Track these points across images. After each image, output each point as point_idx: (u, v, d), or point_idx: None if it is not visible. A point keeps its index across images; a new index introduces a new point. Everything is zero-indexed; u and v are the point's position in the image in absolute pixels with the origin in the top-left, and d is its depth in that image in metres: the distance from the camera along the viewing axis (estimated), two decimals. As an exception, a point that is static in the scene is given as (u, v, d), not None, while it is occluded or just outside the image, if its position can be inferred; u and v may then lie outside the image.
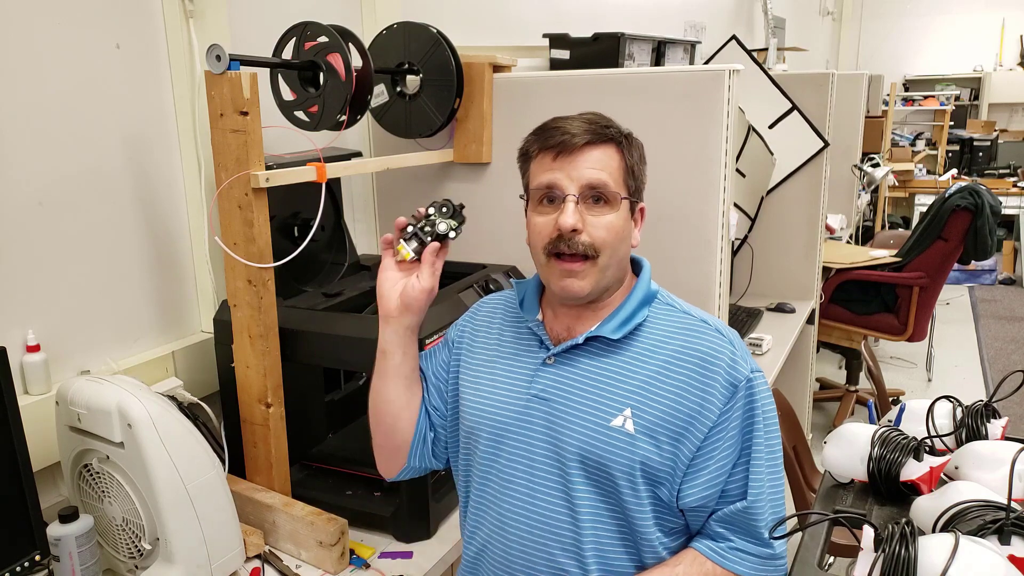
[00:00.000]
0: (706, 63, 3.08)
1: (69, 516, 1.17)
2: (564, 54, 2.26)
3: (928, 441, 1.32)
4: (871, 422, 1.48)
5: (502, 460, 1.10)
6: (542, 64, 2.41)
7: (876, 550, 0.98)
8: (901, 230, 5.94)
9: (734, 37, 3.00)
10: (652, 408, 1.03)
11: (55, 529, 1.17)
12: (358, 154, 1.73)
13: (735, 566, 1.05)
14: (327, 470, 1.55)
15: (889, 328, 3.89)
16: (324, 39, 1.41)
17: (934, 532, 1.08)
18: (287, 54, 1.45)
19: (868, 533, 0.99)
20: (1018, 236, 6.84)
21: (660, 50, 2.49)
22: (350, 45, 1.44)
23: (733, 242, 2.94)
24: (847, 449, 1.33)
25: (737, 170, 2.69)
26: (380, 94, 1.81)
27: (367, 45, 1.58)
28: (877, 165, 4.46)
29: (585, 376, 1.07)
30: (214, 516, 1.24)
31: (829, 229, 4.05)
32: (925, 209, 4.17)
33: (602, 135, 1.05)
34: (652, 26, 3.63)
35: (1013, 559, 0.97)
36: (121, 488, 1.22)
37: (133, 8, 1.49)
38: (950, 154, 7.84)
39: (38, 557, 1.18)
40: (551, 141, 1.04)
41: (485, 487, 1.12)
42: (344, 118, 1.46)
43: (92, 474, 1.25)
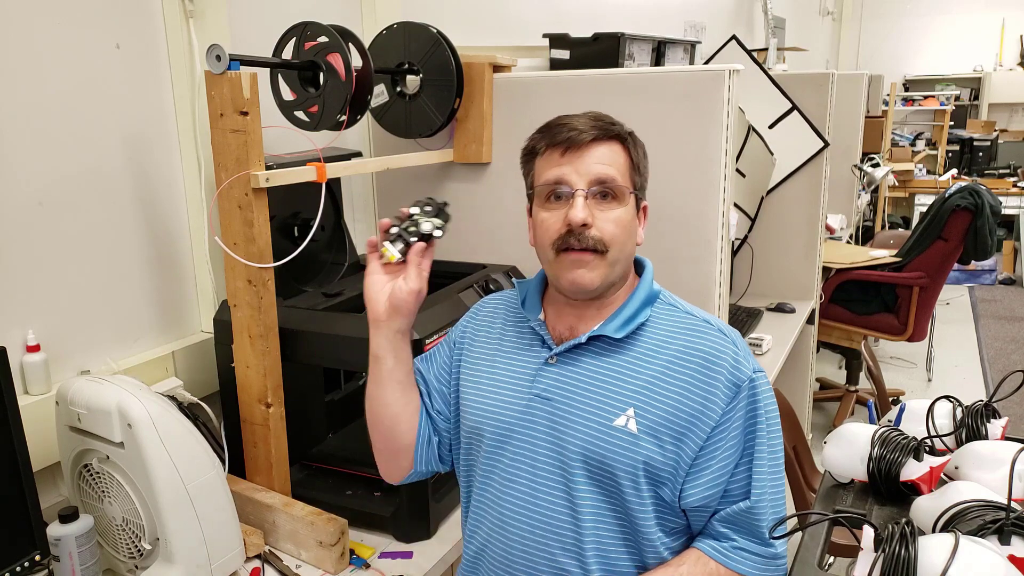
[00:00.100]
0: (706, 63, 3.08)
1: (69, 516, 1.17)
2: (564, 54, 2.26)
3: (928, 441, 1.31)
4: (871, 422, 1.48)
5: (504, 460, 1.09)
6: (542, 64, 2.41)
7: (876, 550, 0.98)
8: (901, 230, 5.94)
9: (734, 37, 3.00)
10: (655, 408, 1.03)
11: (55, 529, 1.17)
12: (358, 154, 1.73)
13: (738, 566, 1.05)
14: (327, 470, 1.55)
15: (889, 328, 3.89)
16: (324, 39, 1.41)
17: (934, 532, 1.08)
18: (287, 54, 1.45)
19: (868, 533, 0.99)
20: (1018, 236, 6.84)
21: (660, 50, 2.49)
22: (350, 45, 1.44)
23: (733, 242, 2.94)
24: (847, 449, 1.33)
25: (737, 170, 2.69)
26: (380, 94, 1.81)
27: (367, 45, 1.58)
28: (877, 165, 4.46)
29: (588, 376, 1.07)
30: (214, 516, 1.24)
31: (829, 229, 4.05)
32: (925, 209, 4.17)
33: (608, 131, 1.06)
34: (652, 26, 3.63)
35: (1013, 559, 0.97)
36: (121, 488, 1.22)
37: (133, 8, 1.49)
38: (950, 154, 7.84)
39: (38, 557, 1.18)
40: (559, 137, 1.05)
41: (486, 486, 1.12)
42: (344, 118, 1.46)
43: (92, 474, 1.25)
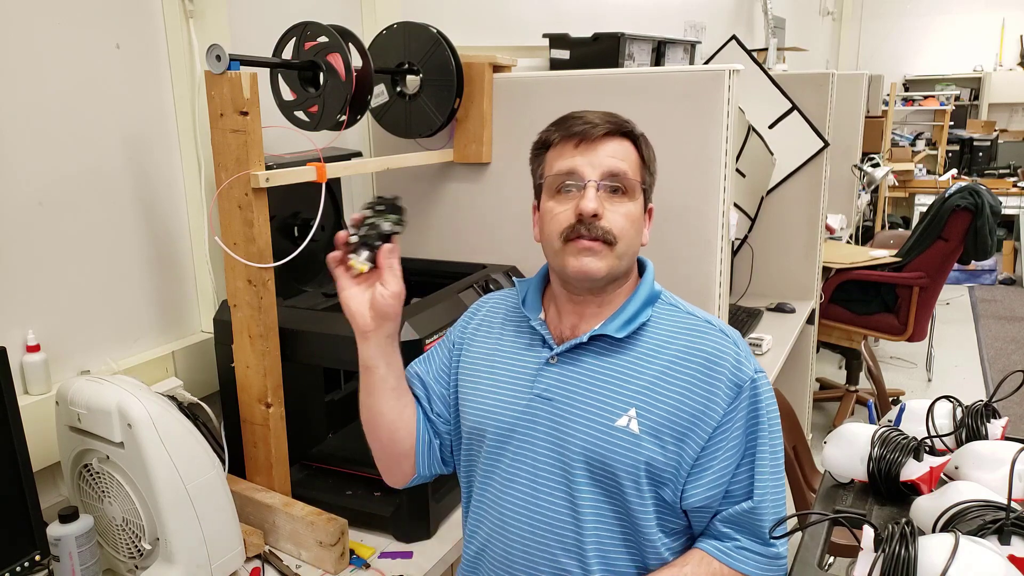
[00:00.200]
0: (706, 63, 3.08)
1: (69, 516, 1.17)
2: (564, 54, 2.26)
3: (928, 441, 1.31)
4: (871, 422, 1.48)
5: (505, 460, 1.09)
6: (542, 64, 2.41)
7: (876, 550, 0.98)
8: (901, 230, 5.94)
9: (734, 37, 3.00)
10: (657, 408, 1.03)
11: (55, 529, 1.17)
12: (358, 154, 1.73)
13: (742, 566, 1.05)
14: (327, 470, 1.55)
15: (889, 328, 3.89)
16: (324, 39, 1.41)
17: (934, 532, 1.08)
18: (287, 54, 1.45)
19: (868, 533, 0.99)
20: (1018, 236, 6.84)
21: (660, 50, 2.49)
22: (350, 45, 1.44)
23: (733, 242, 2.94)
24: (847, 449, 1.33)
25: (737, 170, 2.69)
26: (380, 94, 1.81)
27: (367, 45, 1.58)
28: (877, 165, 4.46)
29: (589, 376, 1.07)
30: (214, 516, 1.24)
31: (829, 229, 4.05)
32: (925, 209, 4.17)
33: (622, 128, 1.07)
34: (652, 26, 3.63)
35: (1013, 559, 0.97)
36: (121, 488, 1.22)
37: (133, 8, 1.49)
38: (950, 154, 7.84)
39: (38, 557, 1.18)
40: (573, 129, 1.06)
41: (487, 486, 1.12)
42: (344, 118, 1.46)
43: (92, 474, 1.25)
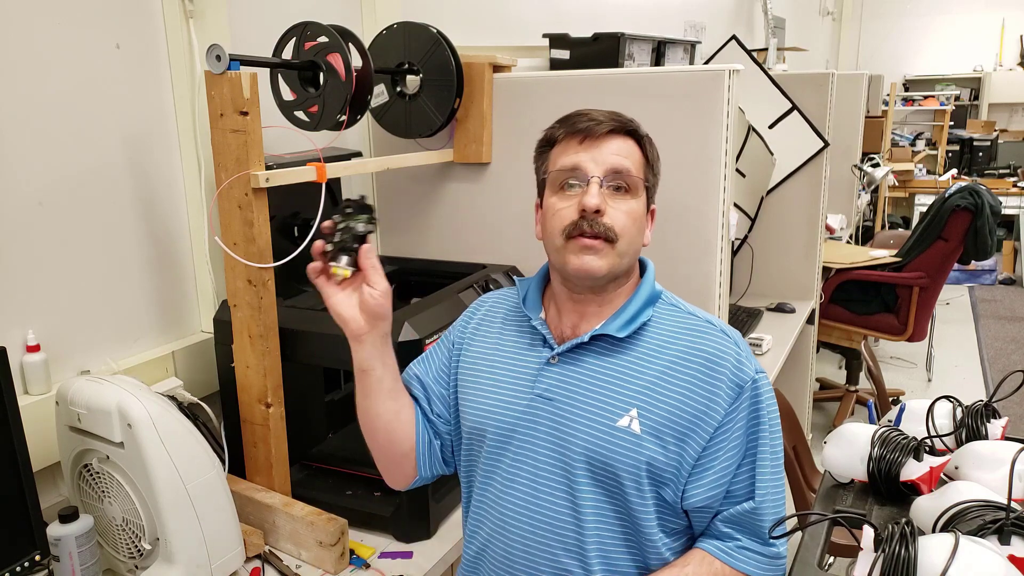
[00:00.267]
0: (706, 63, 3.08)
1: (69, 516, 1.17)
2: (564, 54, 2.26)
3: (928, 441, 1.31)
4: (871, 422, 1.48)
5: (506, 460, 1.09)
6: (542, 64, 2.41)
7: (876, 550, 0.98)
8: (901, 230, 5.94)
9: (734, 37, 3.00)
10: (658, 408, 1.03)
11: (55, 529, 1.17)
12: (358, 154, 1.73)
13: (743, 565, 1.05)
14: (327, 470, 1.55)
15: (889, 328, 3.89)
16: (324, 39, 1.41)
17: (934, 532, 1.08)
18: (287, 54, 1.45)
19: (868, 533, 0.99)
20: (1018, 236, 6.84)
21: (660, 50, 2.49)
22: (350, 45, 1.44)
23: (733, 242, 2.94)
24: (847, 449, 1.33)
25: (737, 170, 2.69)
26: (380, 94, 1.81)
27: (367, 45, 1.58)
28: (877, 165, 4.46)
29: (590, 376, 1.07)
30: (214, 516, 1.24)
31: (829, 229, 4.05)
32: (925, 209, 4.17)
33: (627, 127, 1.08)
34: (652, 26, 3.63)
35: (1013, 559, 0.97)
36: (121, 488, 1.22)
37: (133, 8, 1.49)
38: (950, 154, 7.84)
39: (38, 557, 1.18)
40: (578, 126, 1.06)
41: (487, 487, 1.12)
42: (344, 118, 1.46)
43: (92, 474, 1.25)
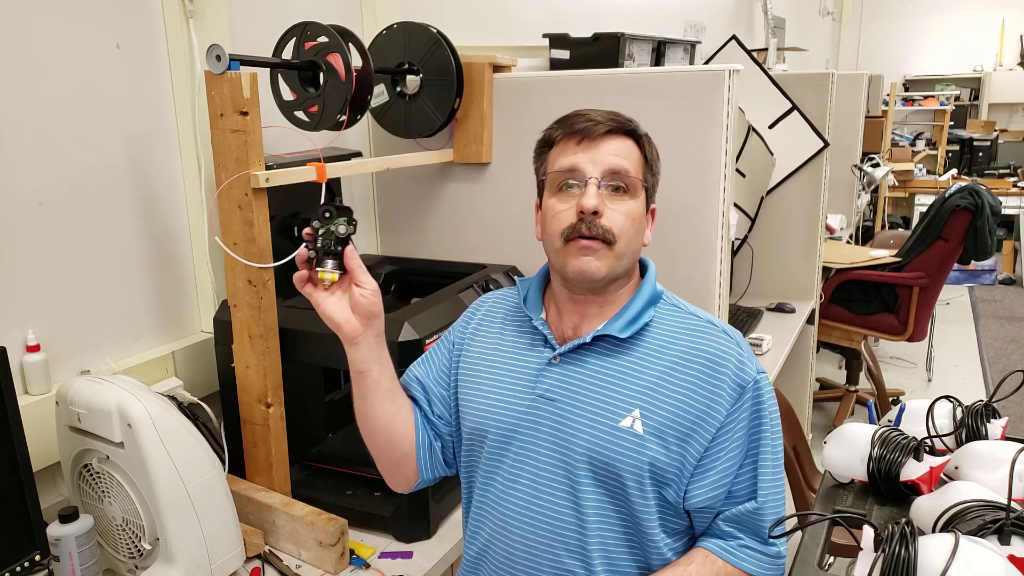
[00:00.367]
0: (706, 63, 3.08)
1: (69, 516, 1.17)
2: (564, 54, 2.27)
3: (928, 441, 1.31)
4: (871, 422, 1.48)
5: (507, 461, 1.09)
6: (542, 64, 2.41)
7: (876, 550, 0.97)
8: (901, 230, 5.94)
9: (734, 37, 3.00)
10: (661, 409, 1.03)
11: (55, 529, 1.17)
12: (358, 154, 1.73)
13: (745, 564, 1.05)
14: (327, 470, 1.55)
15: (889, 328, 3.89)
16: (324, 39, 1.41)
17: (934, 532, 1.08)
18: (287, 54, 1.45)
19: (868, 533, 0.99)
20: (1018, 236, 6.84)
21: (660, 50, 2.49)
22: (350, 45, 1.44)
23: (733, 242, 2.94)
24: (847, 449, 1.33)
25: (737, 170, 2.69)
26: (380, 94, 1.81)
27: (367, 45, 1.58)
28: (877, 165, 4.46)
29: (593, 376, 1.07)
30: (214, 516, 1.24)
31: (829, 229, 4.05)
32: (925, 209, 4.17)
33: (625, 127, 1.07)
34: (652, 26, 3.63)
35: (1013, 559, 0.97)
36: (121, 488, 1.22)
37: (133, 8, 1.49)
38: (950, 154, 7.84)
39: (38, 557, 1.18)
40: (576, 126, 1.06)
41: (488, 487, 1.12)
42: (344, 118, 1.46)
43: (92, 474, 1.25)
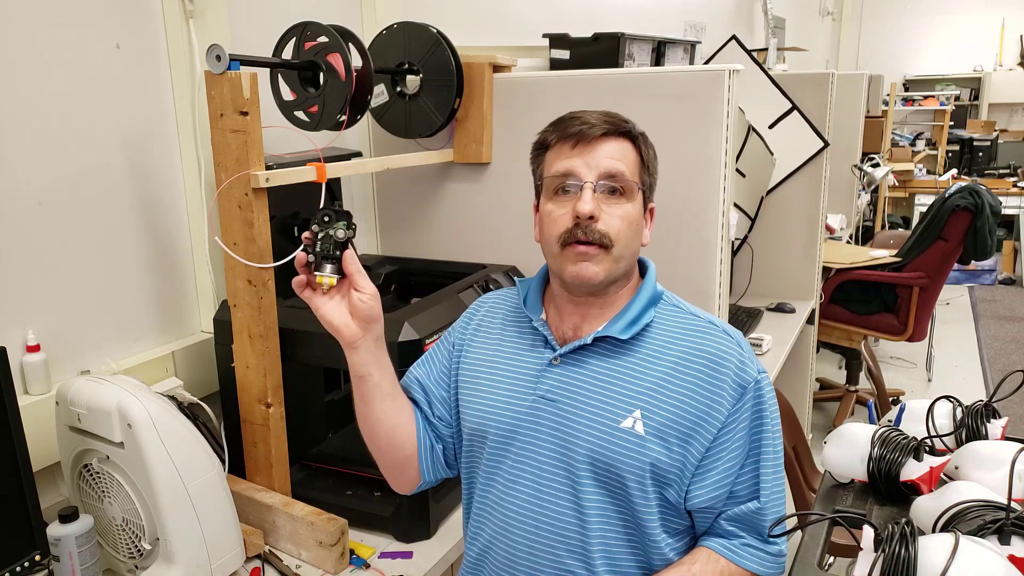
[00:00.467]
0: (706, 63, 3.08)
1: (69, 516, 1.17)
2: (564, 54, 2.26)
3: (928, 441, 1.31)
4: (871, 422, 1.48)
5: (508, 462, 1.09)
6: (542, 64, 2.41)
7: (876, 550, 0.97)
8: (901, 230, 5.94)
9: (734, 37, 3.00)
10: (662, 409, 1.03)
11: (55, 529, 1.17)
12: (358, 154, 1.73)
13: (747, 563, 1.06)
14: (327, 470, 1.55)
15: (889, 328, 3.89)
16: (324, 39, 1.41)
17: (934, 532, 1.08)
18: (287, 54, 1.45)
19: (868, 533, 0.99)
20: (1018, 236, 6.84)
21: (660, 50, 2.49)
22: (350, 45, 1.44)
23: (733, 242, 2.94)
24: (847, 449, 1.33)
25: (737, 170, 2.69)
26: (380, 94, 1.81)
27: (367, 45, 1.58)
28: (877, 165, 4.46)
29: (593, 377, 1.07)
30: (214, 516, 1.24)
31: (829, 229, 4.05)
32: (925, 209, 4.17)
33: (620, 128, 1.06)
34: (652, 26, 3.63)
35: (1013, 559, 0.97)
36: (121, 488, 1.22)
37: (133, 8, 1.49)
38: (950, 154, 7.84)
39: (38, 557, 1.18)
40: (570, 130, 1.05)
41: (489, 488, 1.12)
42: (344, 118, 1.46)
43: (92, 474, 1.25)
